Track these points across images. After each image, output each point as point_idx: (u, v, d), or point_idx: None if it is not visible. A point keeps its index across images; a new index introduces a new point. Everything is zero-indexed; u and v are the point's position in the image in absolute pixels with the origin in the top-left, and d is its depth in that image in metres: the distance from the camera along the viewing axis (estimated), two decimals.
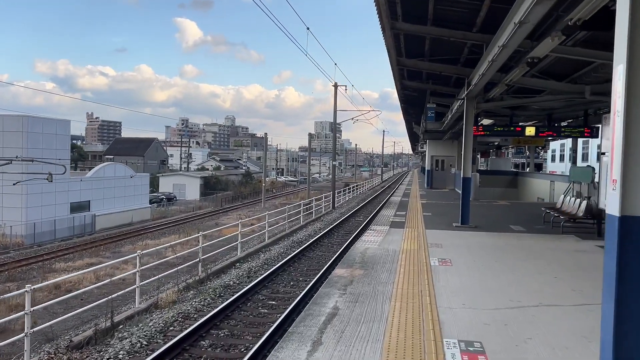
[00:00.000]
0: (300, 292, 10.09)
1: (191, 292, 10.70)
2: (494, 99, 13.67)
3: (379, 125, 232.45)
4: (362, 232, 15.75)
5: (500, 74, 11.70)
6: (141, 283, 10.56)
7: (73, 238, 33.95)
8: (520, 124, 18.92)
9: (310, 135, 50.37)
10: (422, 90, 17.96)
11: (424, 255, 8.35)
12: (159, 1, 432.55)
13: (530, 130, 17.08)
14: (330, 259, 13.18)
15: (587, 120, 17.66)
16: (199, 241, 12.50)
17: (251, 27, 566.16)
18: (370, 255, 8.24)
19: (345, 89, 29.29)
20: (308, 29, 12.15)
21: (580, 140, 42.79)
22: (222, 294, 10.20)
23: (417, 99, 20.69)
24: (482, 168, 45.04)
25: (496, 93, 11.06)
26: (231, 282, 11.18)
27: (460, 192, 27.68)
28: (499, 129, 17.15)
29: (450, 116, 18.65)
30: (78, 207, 36.43)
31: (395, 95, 25.93)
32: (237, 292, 10.11)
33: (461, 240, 10.20)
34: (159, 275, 11.08)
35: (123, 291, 9.85)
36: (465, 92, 12.19)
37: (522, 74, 8.58)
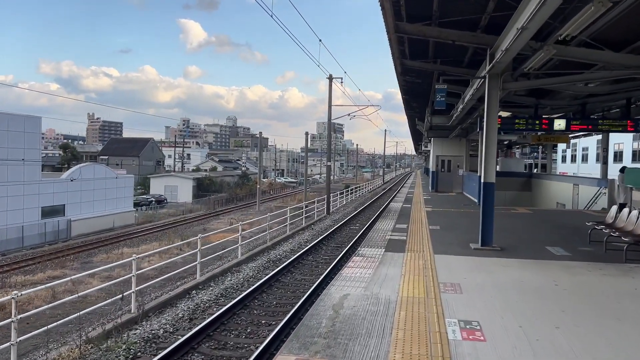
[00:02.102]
0: (256, 348, 6.98)
1: (106, 343, 7.50)
2: (519, 79, 10.48)
3: (381, 125, 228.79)
4: (347, 257, 12.51)
5: (536, 42, 8.51)
6: (59, 321, 7.46)
7: (44, 246, 30.97)
8: (543, 116, 15.67)
9: (307, 134, 47.10)
10: (427, 75, 14.77)
11: (436, 312, 5.18)
12: (164, 2, 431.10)
13: (559, 124, 13.87)
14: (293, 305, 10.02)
15: (629, 112, 14.41)
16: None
17: (256, 28, 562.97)
18: (348, 315, 5.06)
19: (342, 82, 26.10)
20: None
21: (594, 139, 39.54)
22: (138, 354, 7.03)
23: (421, 88, 17.49)
24: None
25: (534, 64, 7.86)
26: (161, 331, 8.00)
27: (470, 196, 24.58)
28: (521, 121, 13.92)
29: (461, 107, 15.43)
30: (51, 212, 33.37)
31: (399, 95, 22.73)
32: (163, 349, 6.98)
33: (487, 275, 7.00)
34: (84, 311, 8.05)
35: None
36: (487, 68, 9.00)
37: (596, 16, 5.42)
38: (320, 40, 14.21)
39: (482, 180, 9.17)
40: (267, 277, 11.62)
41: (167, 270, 14.08)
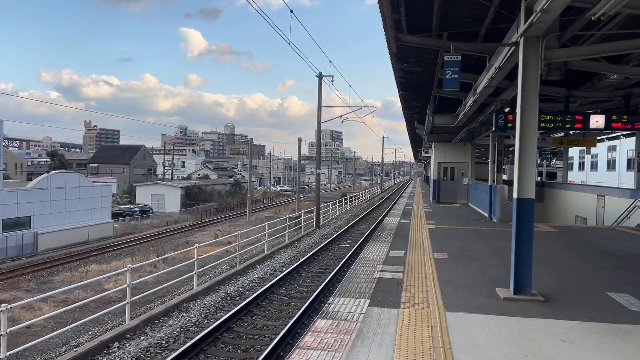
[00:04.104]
0: None
1: None
2: (567, 44, 7.50)
3: (380, 133, 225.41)
4: (310, 319, 9.31)
5: None
6: None
7: (5, 262, 27.84)
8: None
9: (300, 140, 44.16)
10: (430, 62, 11.81)
11: None
12: (165, 10, 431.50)
13: (597, 120, 10.88)
14: None
15: None
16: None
17: (257, 36, 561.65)
18: None
19: (332, 81, 23.23)
20: None
21: (605, 145, 36.57)
22: None
23: (422, 80, 14.51)
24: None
25: (610, 5, 4.82)
26: None
27: (477, 208, 21.44)
28: (548, 117, 10.92)
29: (472, 100, 12.42)
30: (14, 224, 30.25)
31: (399, 104, 19.77)
32: None
33: None
34: None
35: None
36: (523, 29, 6.01)
37: None
38: (291, 11, 11.21)
39: (515, 196, 6.13)
40: (217, 322, 8.59)
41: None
